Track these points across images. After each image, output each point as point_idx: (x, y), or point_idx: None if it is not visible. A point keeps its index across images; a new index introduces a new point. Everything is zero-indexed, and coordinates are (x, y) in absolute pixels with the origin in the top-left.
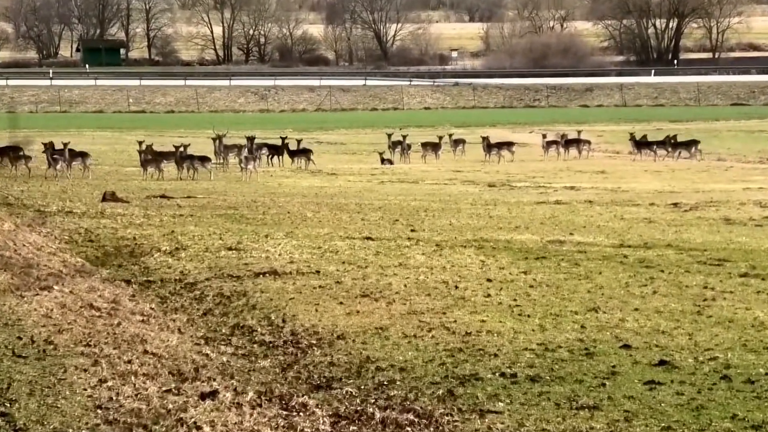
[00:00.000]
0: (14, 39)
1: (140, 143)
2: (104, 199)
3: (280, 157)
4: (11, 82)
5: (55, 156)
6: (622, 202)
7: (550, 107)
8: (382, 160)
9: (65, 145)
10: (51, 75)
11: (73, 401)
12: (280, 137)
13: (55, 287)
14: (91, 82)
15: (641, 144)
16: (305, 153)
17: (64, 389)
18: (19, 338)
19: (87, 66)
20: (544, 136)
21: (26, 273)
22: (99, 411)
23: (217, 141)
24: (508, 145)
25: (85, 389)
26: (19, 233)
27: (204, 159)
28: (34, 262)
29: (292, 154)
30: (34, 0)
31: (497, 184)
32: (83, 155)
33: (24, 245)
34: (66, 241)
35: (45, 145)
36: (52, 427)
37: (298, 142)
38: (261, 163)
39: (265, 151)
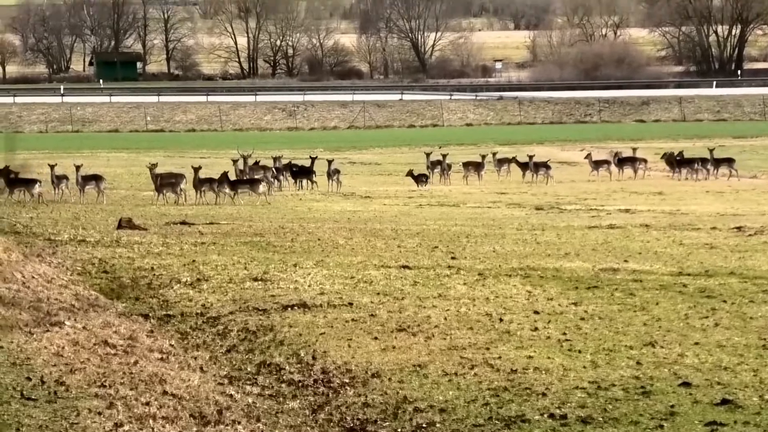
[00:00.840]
0: (22, 52)
1: (152, 165)
2: (120, 226)
3: (309, 178)
4: (19, 99)
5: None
6: (681, 226)
7: (603, 123)
8: (416, 178)
9: (78, 168)
10: (62, 91)
11: None
12: (310, 157)
13: (67, 323)
14: (106, 98)
15: (681, 162)
16: (307, 173)
17: None
18: (29, 379)
19: (101, 81)
20: (588, 156)
21: (36, 308)
22: None
23: (242, 162)
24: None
25: None
26: (28, 264)
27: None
28: (44, 295)
29: (295, 174)
30: (43, 9)
31: (545, 206)
32: (97, 178)
33: (33, 277)
34: (79, 272)
35: (51, 166)
36: None
37: (329, 162)
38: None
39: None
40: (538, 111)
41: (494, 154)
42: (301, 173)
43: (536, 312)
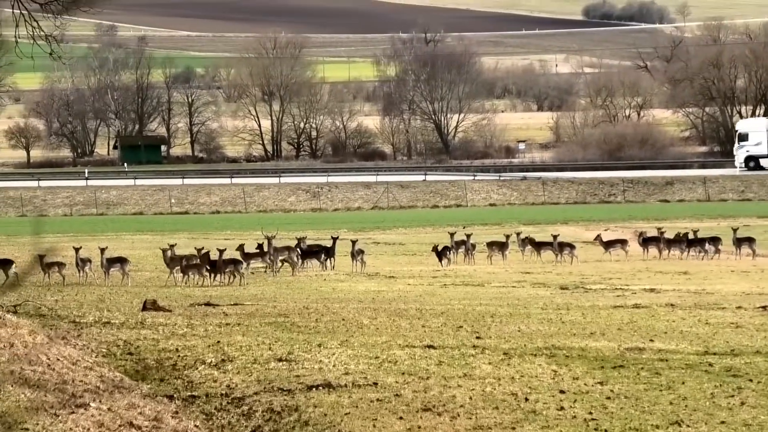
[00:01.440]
0: (46, 136)
1: (169, 247)
2: (145, 308)
3: (331, 258)
4: (43, 183)
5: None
6: (707, 305)
7: (627, 202)
8: (439, 254)
9: (102, 250)
10: (86, 175)
11: None
12: (332, 237)
13: (92, 404)
14: (130, 181)
15: (649, 240)
16: (316, 254)
17: None
18: None
19: (125, 164)
20: (598, 237)
21: (61, 390)
22: None
23: (266, 243)
24: (571, 246)
25: None
26: (53, 346)
27: (237, 262)
28: (69, 377)
29: (304, 255)
30: (67, 95)
31: (570, 286)
32: (121, 261)
33: (58, 359)
34: (103, 354)
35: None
36: None
37: (353, 242)
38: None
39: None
40: (562, 191)
41: (518, 234)
42: (310, 254)
43: (562, 391)
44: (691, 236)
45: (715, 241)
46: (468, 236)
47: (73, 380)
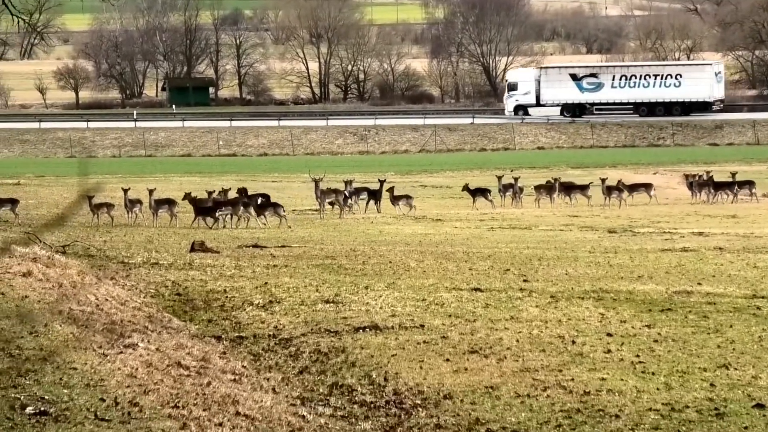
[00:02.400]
0: (95, 78)
1: (188, 194)
2: (193, 249)
3: (378, 202)
4: (92, 124)
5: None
6: (755, 248)
7: (676, 146)
8: (473, 192)
9: (151, 192)
10: (135, 116)
11: None
12: (378, 180)
13: (140, 345)
14: (178, 123)
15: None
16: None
17: None
18: (102, 400)
19: (173, 106)
20: (620, 182)
21: (109, 329)
22: None
23: (314, 185)
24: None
25: None
26: (102, 287)
27: (277, 206)
28: (117, 317)
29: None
30: (116, 36)
31: (618, 229)
32: (170, 202)
33: (107, 299)
34: (152, 294)
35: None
36: None
37: (389, 187)
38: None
39: (364, 195)
40: (611, 134)
41: (556, 179)
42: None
43: (609, 334)
44: (710, 178)
45: (749, 184)
46: (516, 179)
47: (121, 320)
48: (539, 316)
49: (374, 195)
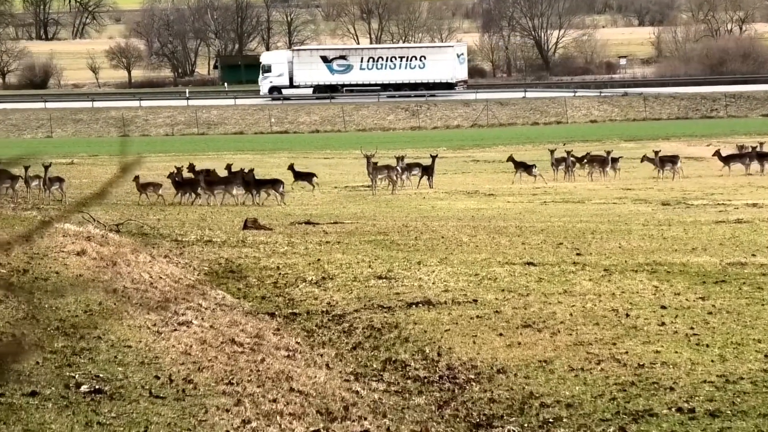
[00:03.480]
0: (147, 56)
1: (176, 169)
2: (246, 227)
3: (431, 177)
4: (145, 103)
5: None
6: None
7: (730, 117)
8: (517, 164)
9: (209, 171)
10: (187, 94)
11: None
12: (431, 155)
13: (194, 322)
14: (230, 101)
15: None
16: (308, 177)
17: (206, 431)
18: (157, 377)
19: (225, 84)
20: (645, 158)
21: (163, 307)
22: None
23: (366, 161)
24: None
25: (228, 431)
26: (156, 265)
27: (276, 182)
28: (171, 295)
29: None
30: (167, 14)
31: (672, 202)
32: (227, 181)
33: (160, 277)
34: (205, 272)
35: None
36: None
37: (433, 158)
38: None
39: (416, 171)
40: (664, 107)
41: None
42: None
43: (663, 307)
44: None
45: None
46: (568, 153)
47: (175, 298)
48: (593, 290)
49: (426, 170)
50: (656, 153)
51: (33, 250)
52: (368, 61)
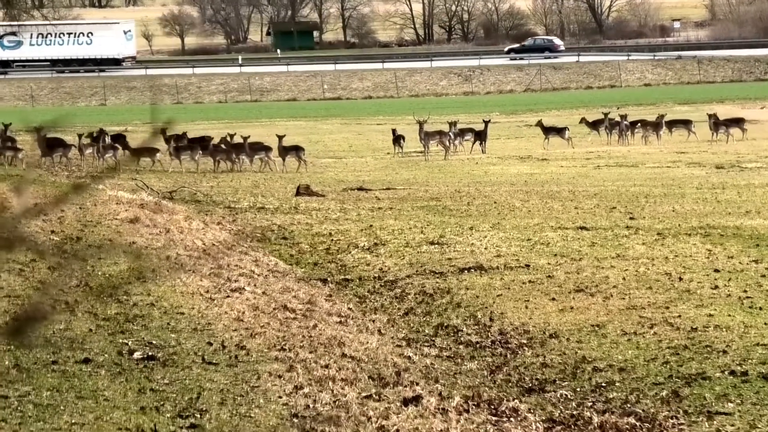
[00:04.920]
0: (200, 24)
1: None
2: (298, 193)
3: (483, 142)
4: (198, 71)
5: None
6: None
7: None
8: (546, 130)
9: (245, 139)
10: (240, 62)
11: (268, 410)
12: (483, 120)
13: (247, 288)
14: (283, 68)
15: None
16: (296, 150)
17: (258, 397)
18: (210, 344)
19: (278, 51)
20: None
21: (216, 274)
22: (295, 420)
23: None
24: (738, 122)
25: (280, 397)
26: (209, 232)
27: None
28: (224, 262)
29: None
30: None
31: (726, 165)
32: (266, 149)
33: (213, 244)
34: (258, 239)
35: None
36: None
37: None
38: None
39: (469, 136)
40: (718, 70)
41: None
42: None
43: (716, 270)
44: None
45: None
46: (623, 117)
47: (228, 264)
48: (646, 254)
49: (479, 136)
50: (710, 116)
51: (86, 217)
52: (38, 37)
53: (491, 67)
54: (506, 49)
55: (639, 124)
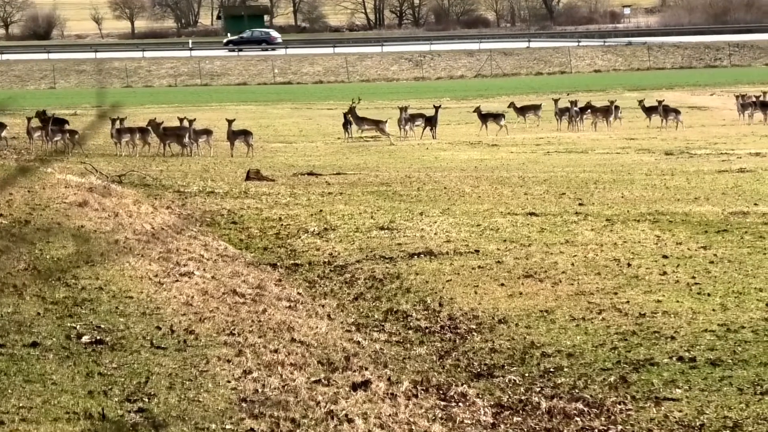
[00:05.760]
0: (150, 7)
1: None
2: (248, 178)
3: (434, 128)
4: (148, 54)
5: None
6: None
7: (733, 67)
8: (483, 117)
9: (191, 122)
10: (190, 45)
11: (216, 394)
12: (434, 106)
13: (196, 273)
14: (234, 52)
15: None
16: (245, 135)
17: (207, 382)
18: (158, 328)
19: (229, 35)
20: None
21: (165, 258)
22: (244, 404)
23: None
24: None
25: (229, 381)
26: (158, 216)
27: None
28: (173, 246)
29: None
30: None
31: (675, 151)
32: (208, 132)
33: (162, 229)
34: (207, 223)
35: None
36: (193, 422)
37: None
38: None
39: (420, 122)
40: (668, 56)
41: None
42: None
43: (665, 256)
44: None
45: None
46: (572, 103)
47: (177, 249)
48: (595, 240)
49: (430, 121)
50: (660, 102)
51: (35, 201)
52: None
53: (442, 53)
54: (225, 41)
55: (589, 111)
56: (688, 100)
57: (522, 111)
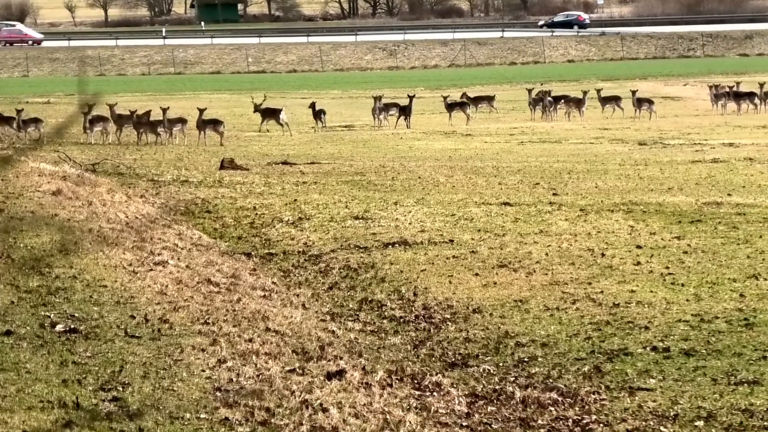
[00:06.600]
0: None
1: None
2: (222, 167)
3: (408, 117)
4: (121, 42)
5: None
6: None
7: (706, 57)
8: (449, 107)
9: (164, 110)
10: (164, 34)
11: (191, 383)
12: (408, 95)
13: (171, 262)
14: (207, 40)
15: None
16: (214, 124)
17: (181, 371)
18: (132, 317)
19: (202, 23)
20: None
21: (139, 247)
22: (218, 393)
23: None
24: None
25: (203, 370)
26: (131, 205)
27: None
28: (147, 235)
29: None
30: None
31: (648, 142)
32: (182, 121)
33: (136, 217)
34: (182, 212)
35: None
36: (168, 411)
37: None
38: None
39: (394, 111)
40: (641, 46)
41: (586, 91)
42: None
43: (639, 246)
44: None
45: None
46: (546, 93)
47: (151, 238)
48: (568, 230)
49: (404, 111)
50: (633, 93)
51: (8, 189)
52: None
53: (416, 42)
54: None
55: (562, 100)
56: (662, 90)
57: (475, 101)
